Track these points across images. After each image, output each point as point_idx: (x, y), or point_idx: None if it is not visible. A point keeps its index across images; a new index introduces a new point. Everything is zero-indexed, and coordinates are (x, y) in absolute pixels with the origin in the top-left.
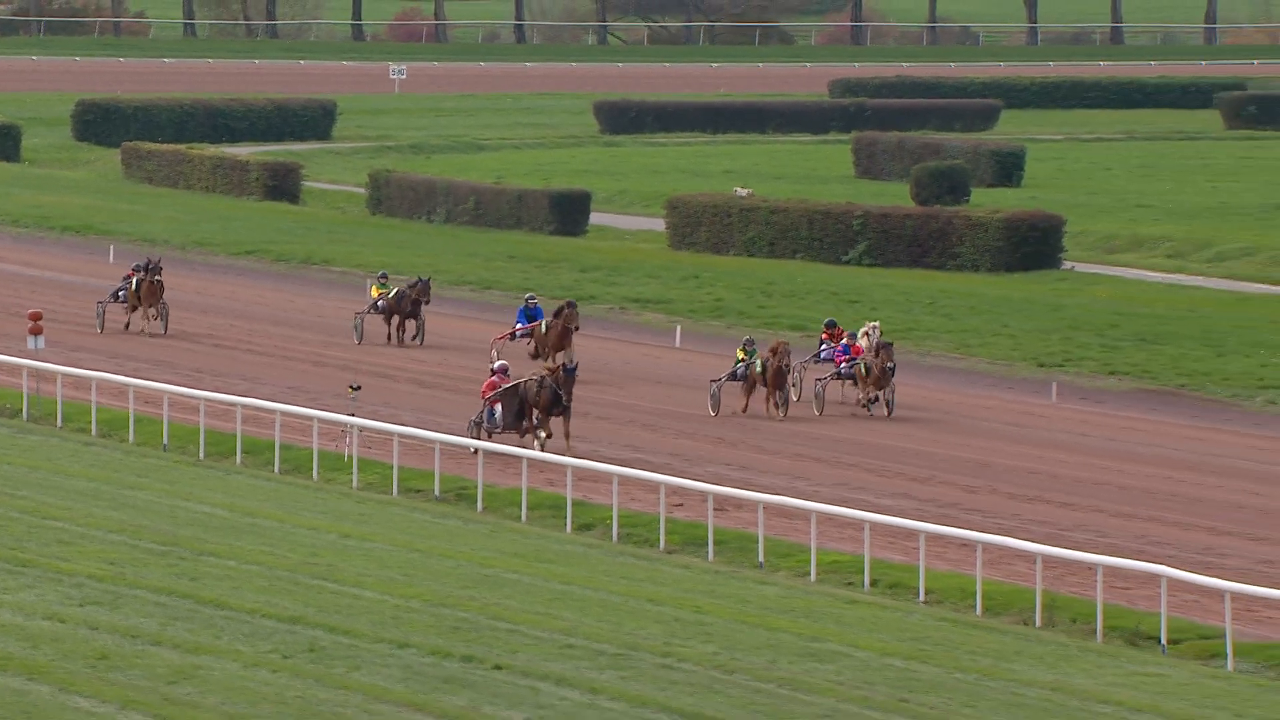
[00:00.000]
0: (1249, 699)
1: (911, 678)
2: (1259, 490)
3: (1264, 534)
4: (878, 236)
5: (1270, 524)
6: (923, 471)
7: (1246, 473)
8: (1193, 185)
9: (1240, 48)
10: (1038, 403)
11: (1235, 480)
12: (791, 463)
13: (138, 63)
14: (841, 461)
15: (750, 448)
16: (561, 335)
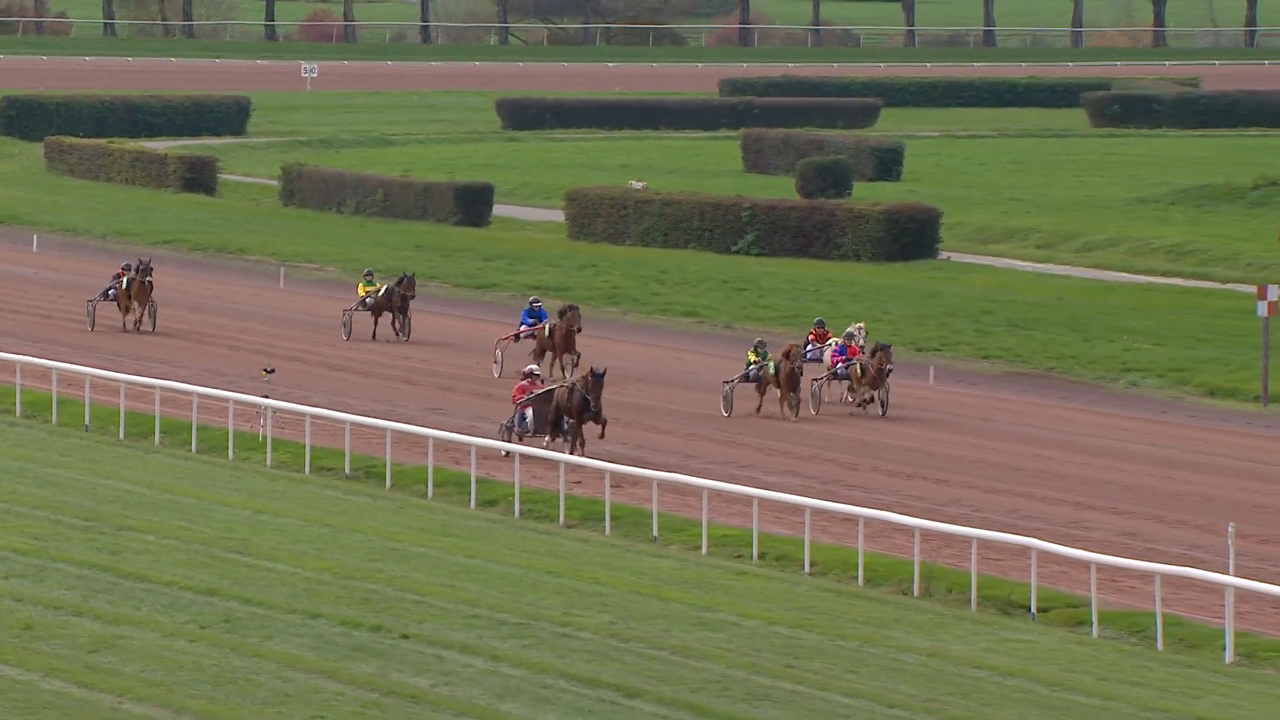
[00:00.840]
0: (1112, 663)
1: (797, 645)
2: (1122, 467)
3: (1127, 508)
4: (765, 227)
5: (1132, 499)
6: (808, 450)
7: (1111, 451)
8: (1061, 180)
9: (1104, 50)
10: (915, 385)
11: (1100, 458)
12: (684, 442)
13: (60, 61)
14: (732, 441)
15: (645, 428)
16: (566, 336)
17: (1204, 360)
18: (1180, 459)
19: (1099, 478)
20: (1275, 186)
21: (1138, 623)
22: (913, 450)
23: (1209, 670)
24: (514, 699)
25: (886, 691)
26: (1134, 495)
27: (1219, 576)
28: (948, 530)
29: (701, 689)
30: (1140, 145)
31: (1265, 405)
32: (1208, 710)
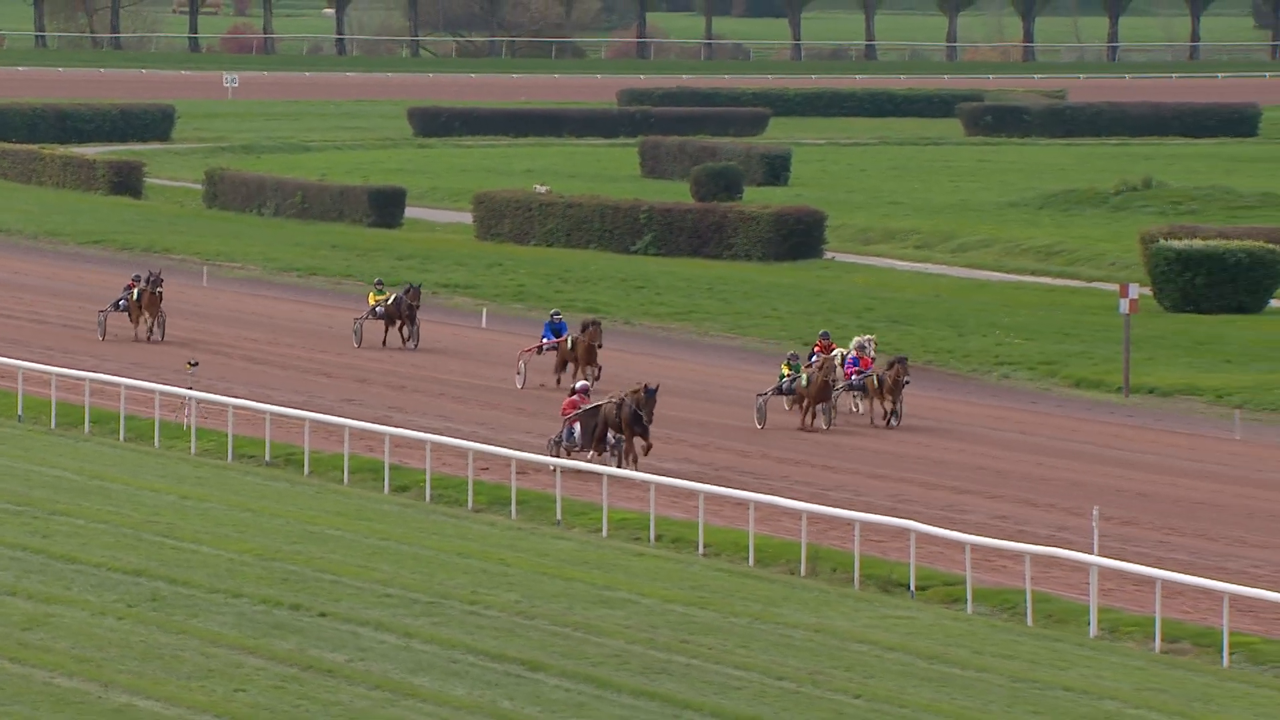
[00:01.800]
0: (985, 638)
1: (691, 621)
2: (995, 454)
3: (999, 493)
4: (662, 229)
5: (1004, 484)
6: (702, 439)
7: (984, 438)
8: (937, 185)
9: (978, 64)
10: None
11: (975, 445)
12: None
13: None
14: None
15: (548, 418)
16: (587, 350)
17: (1070, 354)
18: (1049, 446)
19: (974, 464)
20: (1136, 192)
21: (1009, 599)
22: (800, 439)
23: (1075, 643)
24: (425, 673)
25: (775, 664)
26: (1006, 480)
27: (1084, 556)
28: (832, 514)
29: (602, 663)
30: (1011, 153)
31: (1127, 396)
32: (1073, 681)
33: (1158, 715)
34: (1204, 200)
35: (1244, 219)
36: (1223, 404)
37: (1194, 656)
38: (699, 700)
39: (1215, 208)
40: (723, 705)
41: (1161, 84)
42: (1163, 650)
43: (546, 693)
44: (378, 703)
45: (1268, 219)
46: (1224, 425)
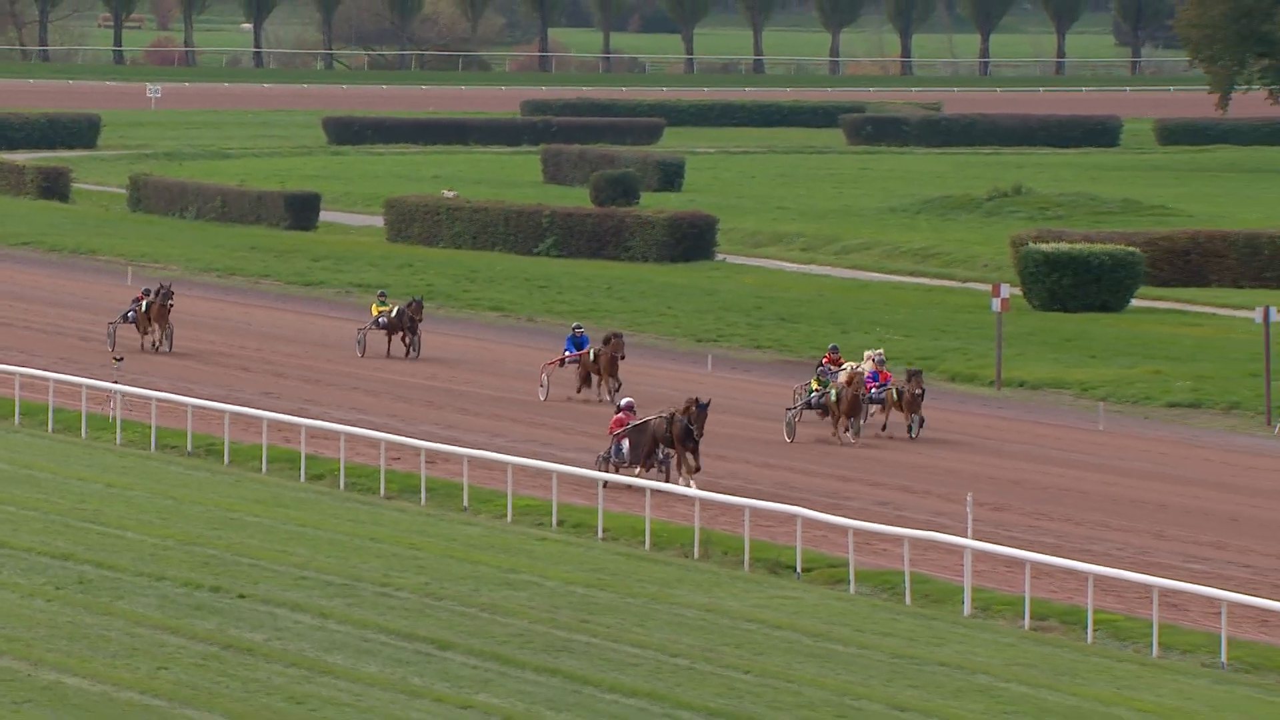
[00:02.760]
0: (867, 617)
1: (591, 602)
2: (879, 445)
3: (880, 480)
4: (563, 232)
5: (885, 472)
6: (600, 429)
7: (868, 429)
8: (822, 191)
9: (859, 78)
10: (696, 372)
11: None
12: (490, 422)
13: None
14: (533, 421)
15: (455, 410)
16: (610, 362)
17: (946, 350)
18: (925, 437)
19: (855, 454)
20: (1006, 198)
21: (889, 581)
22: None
23: (950, 622)
24: (339, 652)
25: (670, 643)
26: (886, 469)
27: (959, 539)
28: (724, 500)
29: (507, 642)
30: (890, 161)
31: (999, 389)
32: (949, 656)
33: (1027, 689)
34: (1070, 206)
35: (1107, 224)
36: (1088, 396)
37: (1061, 633)
38: (598, 676)
39: (1080, 213)
40: (621, 681)
41: (1030, 97)
42: (1032, 628)
43: (454, 670)
44: (294, 679)
45: (1129, 224)
46: (1088, 416)
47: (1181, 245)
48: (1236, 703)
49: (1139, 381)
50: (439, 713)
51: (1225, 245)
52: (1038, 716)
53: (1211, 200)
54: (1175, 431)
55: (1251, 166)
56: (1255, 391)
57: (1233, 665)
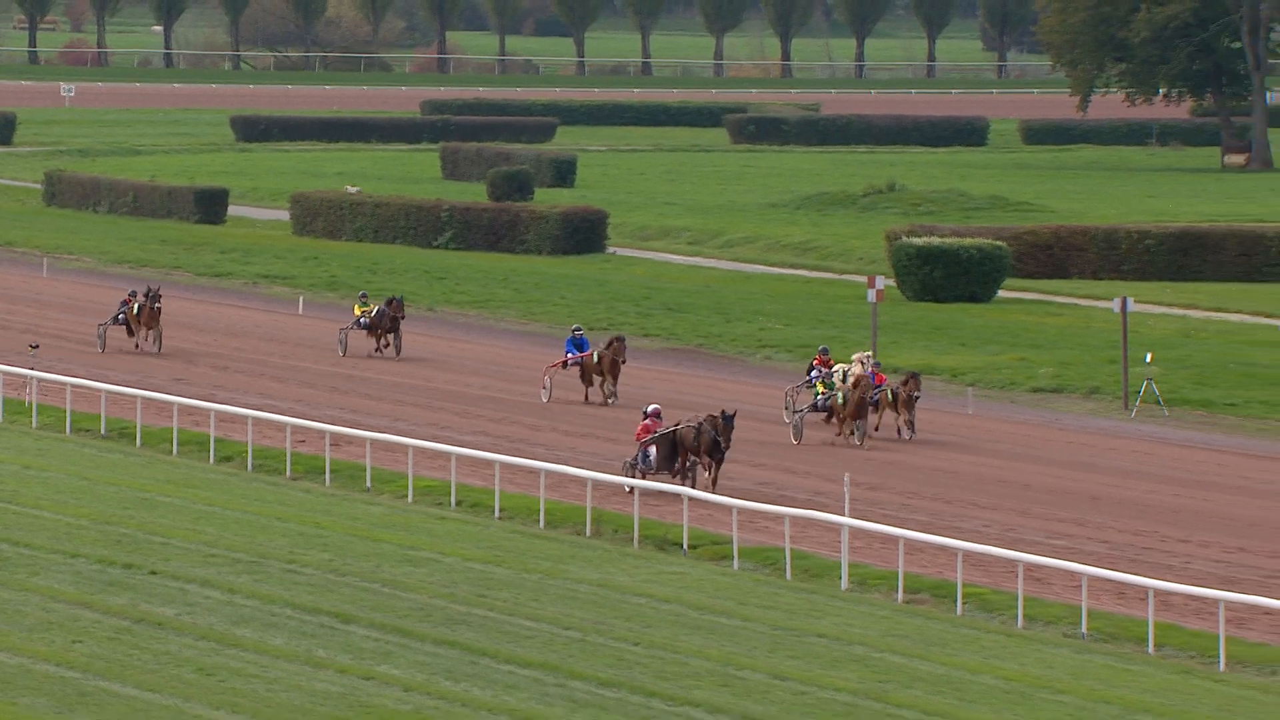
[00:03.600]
0: (749, 591)
1: (488, 578)
2: (759, 427)
3: (762, 462)
4: (461, 226)
5: (767, 453)
6: (498, 414)
7: (749, 414)
8: (707, 188)
9: (742, 80)
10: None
11: (741, 420)
12: (393, 408)
13: None
14: (432, 406)
15: (360, 396)
16: (612, 364)
17: (824, 338)
18: (806, 420)
19: (740, 437)
20: (881, 194)
21: (770, 557)
22: (586, 414)
23: (828, 595)
24: (247, 625)
25: (563, 616)
26: (768, 450)
27: (836, 518)
28: (614, 480)
29: (408, 615)
30: (771, 159)
31: None
32: (827, 628)
33: (900, 658)
34: (940, 202)
35: (975, 219)
36: (957, 382)
37: (932, 606)
38: (495, 649)
39: (950, 209)
40: (516, 653)
41: (903, 99)
42: (905, 601)
43: (357, 642)
44: (204, 652)
45: (996, 219)
46: (958, 401)
47: (1045, 239)
48: (1095, 670)
49: (1005, 368)
50: (342, 683)
51: (1086, 239)
52: (910, 685)
53: (1073, 197)
54: (1039, 415)
55: (1110, 165)
56: (1113, 377)
57: (1092, 635)
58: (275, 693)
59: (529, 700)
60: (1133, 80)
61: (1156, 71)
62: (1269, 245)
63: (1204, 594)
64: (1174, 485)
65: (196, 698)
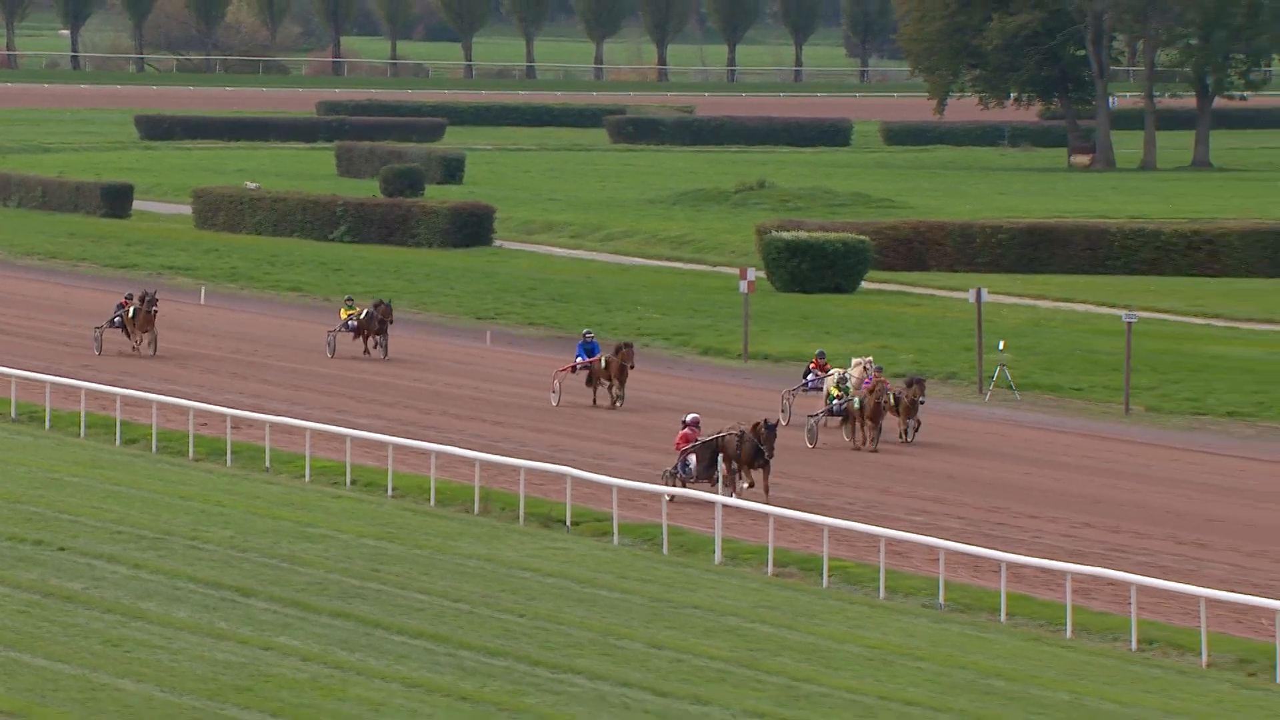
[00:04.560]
0: (629, 565)
1: (381, 553)
2: (639, 411)
3: (642, 444)
4: (355, 220)
5: (647, 437)
6: (390, 398)
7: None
8: (588, 185)
9: (620, 83)
10: (476, 346)
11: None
12: (291, 392)
13: None
14: (330, 391)
15: (259, 381)
16: (620, 370)
17: (699, 326)
18: (682, 404)
19: (620, 420)
20: (752, 191)
21: (649, 533)
22: (473, 398)
23: (703, 569)
24: (152, 599)
25: (453, 589)
26: (648, 433)
27: (710, 495)
28: (501, 461)
29: (305, 589)
30: (649, 158)
31: (745, 361)
32: (701, 600)
33: (770, 628)
34: (807, 199)
35: (840, 214)
36: None
37: (800, 579)
38: (388, 620)
39: (817, 205)
40: (408, 624)
41: (772, 101)
42: (774, 574)
43: (257, 614)
44: (110, 624)
45: (859, 215)
46: None
47: (905, 234)
48: (952, 639)
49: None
50: (243, 654)
51: (943, 234)
52: (779, 653)
53: (930, 194)
54: None
55: (965, 164)
56: (969, 363)
57: (949, 606)
58: (179, 663)
59: (420, 669)
60: (986, 85)
61: (1008, 77)
62: (1112, 240)
63: (1052, 566)
64: (1025, 465)
65: (103, 668)
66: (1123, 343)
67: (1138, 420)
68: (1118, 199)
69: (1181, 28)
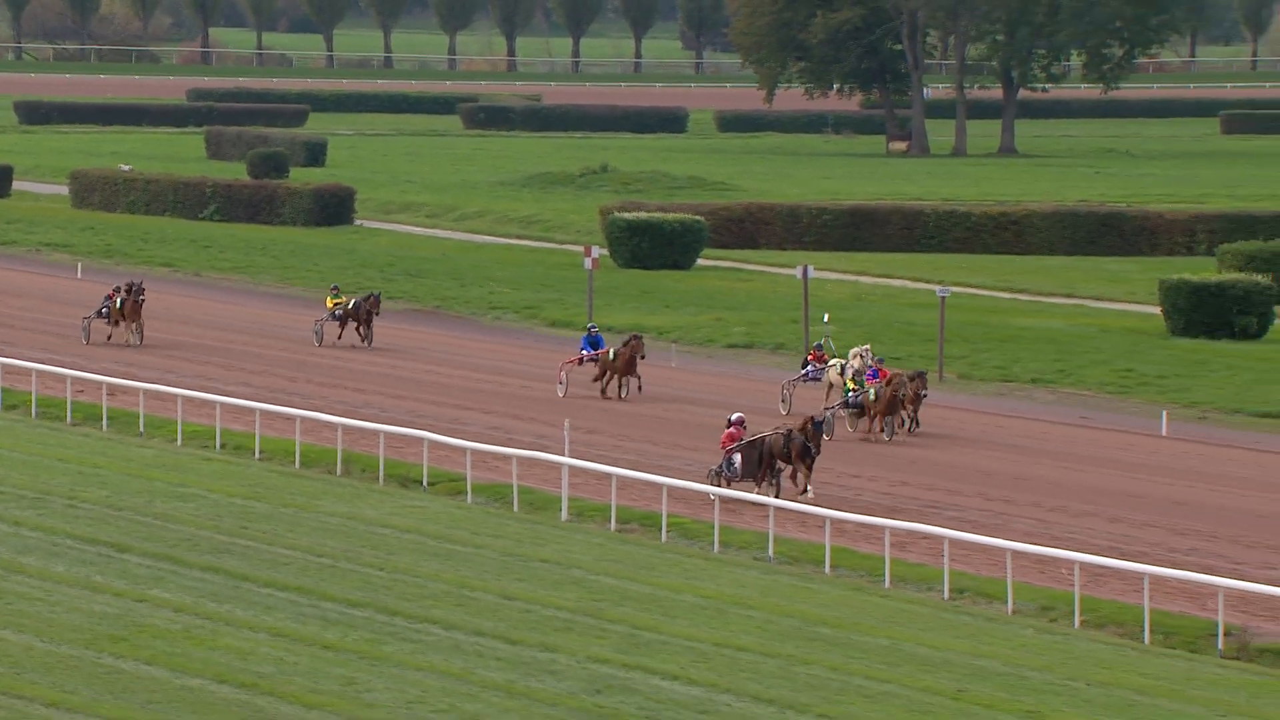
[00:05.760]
0: (481, 522)
1: (249, 512)
2: (489, 378)
3: (492, 409)
4: (224, 201)
5: (496, 401)
6: (256, 367)
7: (480, 366)
8: (443, 168)
9: (473, 73)
10: None
11: (473, 371)
12: (164, 360)
13: None
14: (198, 360)
15: (132, 350)
16: (629, 361)
17: (547, 300)
18: (530, 372)
19: (470, 387)
20: (595, 175)
21: (500, 492)
22: (336, 367)
23: (550, 525)
24: (31, 554)
25: (316, 545)
26: (497, 399)
27: (558, 458)
28: (362, 425)
29: (177, 545)
30: (500, 143)
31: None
32: (549, 554)
33: (614, 580)
34: (647, 182)
35: (677, 197)
36: (663, 339)
37: (641, 534)
38: (255, 574)
39: (655, 188)
40: (275, 578)
41: (614, 91)
42: (617, 530)
43: (132, 569)
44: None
45: (695, 197)
46: (664, 356)
47: (737, 215)
48: (781, 589)
49: (704, 326)
50: (119, 606)
51: (772, 215)
52: (621, 603)
53: (761, 178)
54: (733, 367)
55: (792, 150)
56: (796, 335)
57: (778, 558)
58: (57, 614)
59: (286, 620)
60: (811, 77)
61: (831, 70)
62: (927, 220)
63: (872, 522)
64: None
65: None
66: (936, 315)
67: (951, 387)
68: (932, 183)
69: (989, 24)
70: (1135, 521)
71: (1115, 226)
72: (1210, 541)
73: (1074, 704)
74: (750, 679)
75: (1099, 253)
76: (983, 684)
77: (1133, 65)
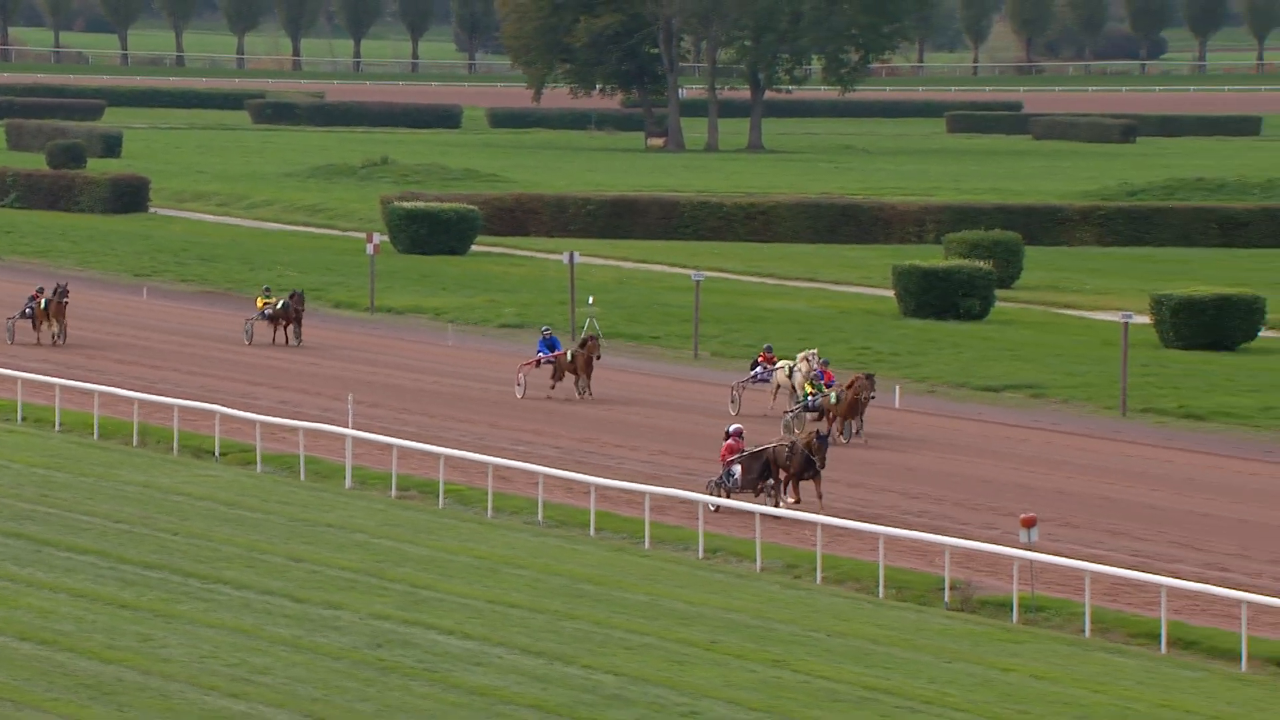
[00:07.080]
0: (270, 490)
1: (50, 481)
2: (317, 361)
3: (284, 384)
4: (25, 189)
5: (292, 380)
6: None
7: (318, 350)
8: (233, 160)
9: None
10: (135, 300)
11: (308, 357)
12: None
13: None
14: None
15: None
16: (586, 362)
17: (332, 283)
18: (317, 348)
19: (263, 365)
20: (377, 167)
21: (288, 462)
22: (132, 345)
23: (335, 493)
24: None
25: (115, 511)
26: (292, 378)
27: (342, 429)
28: (155, 400)
29: None
30: (286, 137)
31: (372, 313)
32: (334, 519)
33: (394, 543)
34: (425, 174)
35: (454, 187)
36: (440, 320)
37: (420, 501)
38: (57, 539)
39: (433, 179)
40: (75, 542)
41: (393, 89)
42: (397, 496)
43: None
44: None
45: (470, 187)
46: (441, 335)
47: (508, 204)
48: (549, 550)
49: (479, 308)
50: None
51: (541, 205)
52: (402, 564)
53: (530, 170)
54: (505, 346)
55: (559, 145)
56: (563, 315)
57: (548, 522)
58: None
59: (85, 581)
60: (575, 77)
61: (594, 71)
62: (683, 210)
63: (633, 488)
64: (609, 402)
65: None
66: (692, 298)
67: (705, 363)
68: (687, 176)
69: (738, 31)
70: (872, 486)
71: (853, 217)
72: (938, 504)
73: (816, 653)
74: (521, 633)
75: (838, 240)
76: (733, 635)
77: (867, 69)
